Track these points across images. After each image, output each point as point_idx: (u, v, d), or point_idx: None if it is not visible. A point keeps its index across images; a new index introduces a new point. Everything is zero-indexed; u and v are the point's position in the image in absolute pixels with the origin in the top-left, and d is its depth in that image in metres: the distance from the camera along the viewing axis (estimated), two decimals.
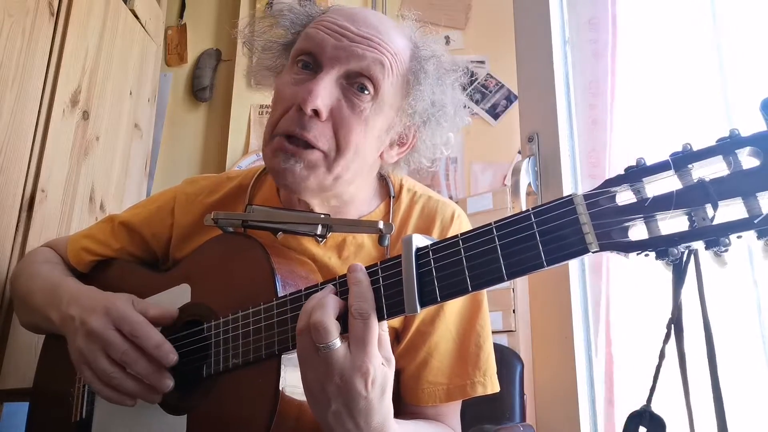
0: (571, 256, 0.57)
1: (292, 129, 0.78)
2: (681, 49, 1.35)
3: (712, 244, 0.51)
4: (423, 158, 0.93)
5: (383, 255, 0.89)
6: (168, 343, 0.77)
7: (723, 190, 0.50)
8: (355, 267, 0.67)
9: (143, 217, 1.01)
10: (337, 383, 0.62)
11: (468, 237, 0.63)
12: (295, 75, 0.82)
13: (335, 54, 0.79)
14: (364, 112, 0.80)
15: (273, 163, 0.80)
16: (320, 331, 0.62)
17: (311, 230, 0.82)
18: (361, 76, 0.80)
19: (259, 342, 0.73)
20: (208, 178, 1.03)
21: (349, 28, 0.80)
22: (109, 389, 0.78)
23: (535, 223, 0.59)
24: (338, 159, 0.80)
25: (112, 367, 0.76)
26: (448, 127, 0.91)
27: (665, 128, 1.32)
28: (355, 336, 0.63)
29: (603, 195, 0.56)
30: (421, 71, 0.84)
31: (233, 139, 2.19)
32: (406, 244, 0.65)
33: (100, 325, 0.77)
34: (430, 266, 0.64)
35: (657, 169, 0.54)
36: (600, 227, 0.55)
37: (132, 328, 0.77)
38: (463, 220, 0.95)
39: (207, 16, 2.41)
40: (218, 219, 0.84)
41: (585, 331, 1.28)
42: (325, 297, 0.65)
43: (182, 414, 0.78)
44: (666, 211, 0.53)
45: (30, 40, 1.41)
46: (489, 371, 0.88)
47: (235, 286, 0.80)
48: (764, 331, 1.12)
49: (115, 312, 0.78)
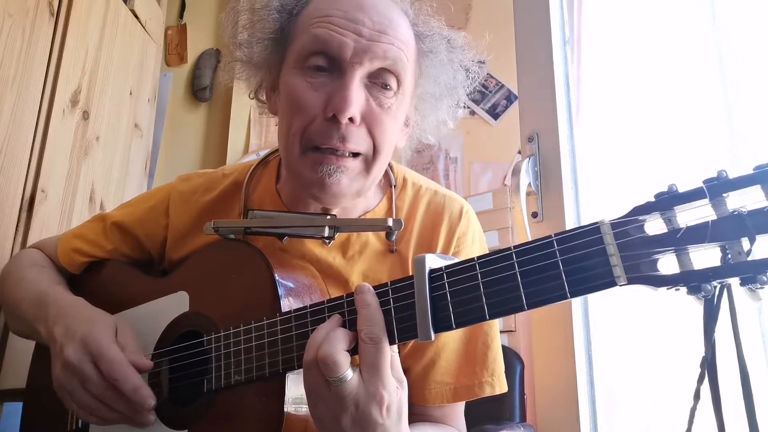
0: (597, 289, 0.53)
1: (332, 143, 0.75)
2: (681, 50, 1.35)
3: (748, 281, 0.47)
4: (429, 135, 0.92)
5: (389, 253, 0.88)
6: (146, 387, 0.74)
7: (761, 223, 0.47)
8: (362, 288, 0.64)
9: (136, 217, 0.98)
10: (353, 414, 0.60)
11: (485, 261, 0.59)
12: (311, 78, 0.77)
13: (357, 55, 0.75)
14: (391, 109, 0.79)
15: (314, 177, 0.77)
16: (330, 365, 0.59)
17: (318, 233, 0.78)
18: (384, 73, 0.78)
19: (263, 360, 0.70)
20: (202, 174, 0.99)
21: (363, 22, 0.76)
22: (94, 418, 0.76)
23: (558, 251, 0.55)
24: (376, 160, 0.79)
25: (92, 400, 0.74)
26: (454, 102, 0.90)
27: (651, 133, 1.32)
28: (366, 362, 0.60)
29: (632, 224, 0.52)
30: (429, 53, 0.84)
31: (233, 139, 2.19)
32: (419, 265, 0.61)
33: (76, 358, 0.74)
34: (445, 290, 0.60)
35: (690, 197, 0.50)
36: (628, 259, 0.52)
37: (110, 368, 0.73)
38: (472, 215, 0.93)
39: (207, 16, 2.41)
40: (219, 228, 0.81)
41: (585, 331, 1.28)
42: (332, 330, 0.62)
43: (183, 429, 0.76)
44: (700, 244, 0.49)
45: (30, 40, 1.41)
46: (497, 371, 0.86)
47: (236, 296, 0.78)
48: (764, 331, 1.11)
49: (93, 345, 0.74)
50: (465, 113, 2.18)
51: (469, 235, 0.91)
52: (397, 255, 0.87)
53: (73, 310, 0.83)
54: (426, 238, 0.89)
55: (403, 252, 0.87)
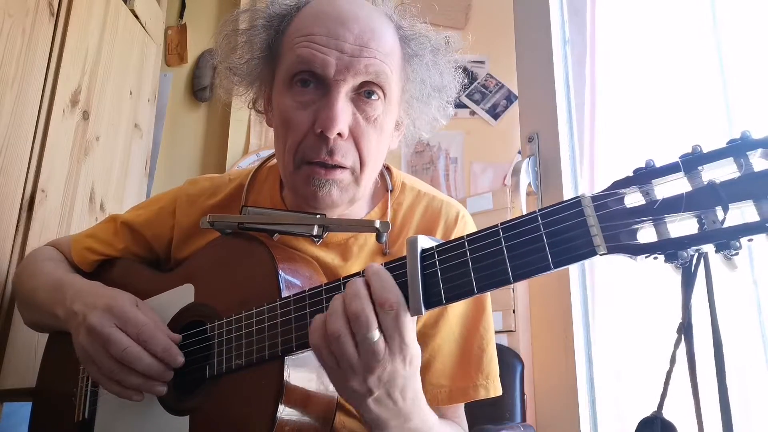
0: (579, 259, 0.56)
1: (321, 157, 0.79)
2: (681, 50, 1.35)
3: (723, 248, 0.50)
4: (422, 132, 0.94)
5: (384, 255, 0.89)
6: (175, 347, 0.78)
7: (734, 193, 0.49)
8: (372, 265, 0.66)
9: (145, 218, 1.01)
10: (379, 375, 0.62)
11: (474, 238, 0.62)
12: (299, 97, 0.81)
13: (340, 72, 0.78)
14: (378, 119, 0.82)
15: (307, 190, 0.81)
16: (361, 320, 0.61)
17: (307, 231, 0.82)
18: (368, 84, 0.80)
19: (263, 343, 0.72)
20: (209, 179, 1.03)
21: (345, 37, 0.78)
22: (113, 384, 0.78)
23: (542, 225, 0.58)
24: (363, 170, 0.82)
25: (114, 364, 0.77)
26: (445, 101, 0.91)
27: (656, 131, 1.32)
28: (388, 329, 0.62)
29: (611, 197, 0.55)
30: (414, 56, 0.86)
31: (233, 139, 2.19)
32: (411, 244, 0.64)
33: (99, 323, 0.78)
34: (435, 267, 0.63)
35: (666, 171, 0.53)
36: (608, 229, 0.54)
37: (139, 331, 0.77)
38: (468, 221, 0.95)
39: (207, 16, 2.40)
40: (214, 222, 0.85)
41: (585, 331, 1.28)
42: (389, 279, 0.63)
43: (185, 415, 0.78)
44: (675, 214, 0.52)
45: (30, 40, 1.41)
46: (492, 374, 0.88)
47: (239, 287, 0.80)
48: (764, 331, 1.12)
49: (118, 311, 0.79)
50: (465, 113, 2.17)
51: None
52: (392, 257, 0.88)
53: (91, 288, 0.88)
54: None
55: (398, 254, 0.88)
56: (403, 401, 0.67)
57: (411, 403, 0.68)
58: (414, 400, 0.68)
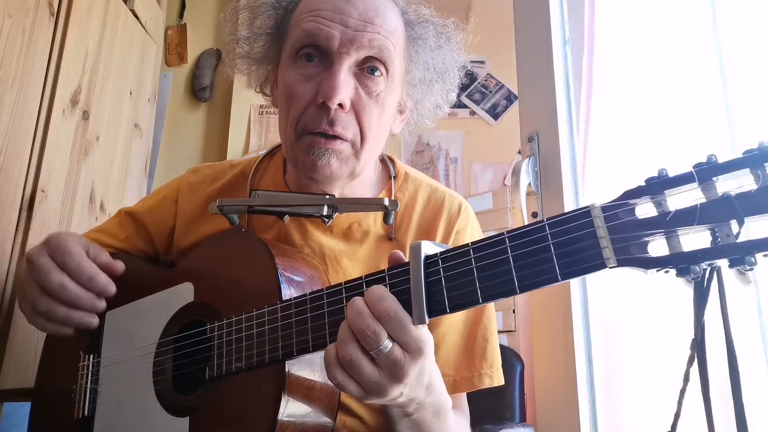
0: (588, 271, 0.54)
1: (321, 127, 0.80)
2: (680, 50, 1.35)
3: (737, 263, 0.48)
4: (425, 120, 0.94)
5: (388, 240, 0.90)
6: (103, 275, 0.77)
7: (750, 206, 0.47)
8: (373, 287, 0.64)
9: (148, 206, 1.03)
10: (407, 382, 0.61)
11: (479, 246, 0.60)
12: (303, 70, 0.82)
13: (343, 45, 0.80)
14: (380, 96, 0.83)
15: (307, 160, 0.81)
16: (369, 335, 0.58)
17: (317, 211, 0.82)
18: (371, 60, 0.81)
19: (263, 347, 0.71)
20: (211, 166, 1.04)
21: (349, 13, 0.80)
22: (39, 317, 0.78)
23: (549, 235, 0.56)
24: (364, 145, 0.83)
25: (41, 294, 0.76)
26: (448, 86, 0.93)
27: (656, 130, 1.32)
28: (396, 334, 0.60)
29: (622, 207, 0.53)
30: (418, 39, 0.87)
31: (233, 139, 2.19)
32: (414, 251, 0.62)
33: (35, 252, 0.78)
34: (440, 275, 0.61)
35: (679, 181, 0.51)
36: (618, 242, 0.52)
37: (63, 260, 0.76)
38: (470, 213, 0.96)
39: (207, 16, 2.41)
40: (223, 206, 0.85)
41: (585, 331, 1.28)
42: (382, 290, 0.61)
43: (185, 416, 0.77)
44: (688, 227, 0.50)
45: (30, 40, 1.41)
46: (495, 364, 0.89)
47: (239, 287, 0.80)
48: (764, 331, 1.11)
49: (53, 242, 0.78)
50: (465, 113, 2.17)
51: (468, 232, 0.93)
52: (396, 243, 0.90)
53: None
54: (424, 230, 0.91)
55: (402, 240, 0.91)
56: (420, 387, 0.65)
57: (431, 389, 0.67)
58: (431, 384, 0.67)
